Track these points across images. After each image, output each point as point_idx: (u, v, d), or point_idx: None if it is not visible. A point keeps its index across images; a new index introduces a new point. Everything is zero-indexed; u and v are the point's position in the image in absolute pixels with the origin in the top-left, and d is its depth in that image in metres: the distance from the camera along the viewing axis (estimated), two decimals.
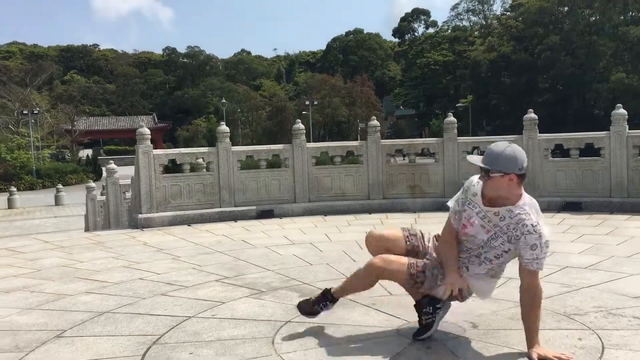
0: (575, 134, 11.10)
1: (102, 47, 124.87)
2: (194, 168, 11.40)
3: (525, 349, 3.52)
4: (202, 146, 60.25)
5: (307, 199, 11.12)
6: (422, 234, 3.98)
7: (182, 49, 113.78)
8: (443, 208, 10.42)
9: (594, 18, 55.97)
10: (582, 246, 6.93)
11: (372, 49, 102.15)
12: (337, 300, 4.05)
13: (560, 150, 12.57)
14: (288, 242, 8.10)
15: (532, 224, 3.41)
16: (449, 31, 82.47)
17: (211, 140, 73.15)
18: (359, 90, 59.11)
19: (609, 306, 4.44)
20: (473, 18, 78.64)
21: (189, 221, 10.34)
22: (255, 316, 4.58)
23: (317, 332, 4.10)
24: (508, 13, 68.04)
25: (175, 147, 68.25)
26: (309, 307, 4.05)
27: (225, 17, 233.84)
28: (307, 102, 56.98)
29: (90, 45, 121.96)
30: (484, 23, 74.99)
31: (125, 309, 4.95)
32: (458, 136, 11.33)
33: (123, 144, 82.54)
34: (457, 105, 61.68)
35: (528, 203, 3.53)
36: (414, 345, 3.75)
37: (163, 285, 5.74)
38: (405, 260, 3.71)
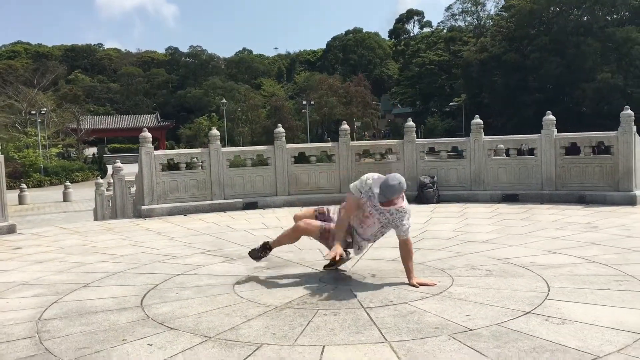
0: (512, 136, 12.86)
1: (105, 45, 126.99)
2: (189, 166, 13.18)
3: (404, 285, 5.36)
4: (204, 144, 61.98)
5: (287, 192, 12.88)
6: (328, 209, 5.82)
7: (184, 47, 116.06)
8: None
9: (586, 18, 57.61)
10: (493, 228, 8.71)
11: (371, 48, 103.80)
12: (272, 249, 6.06)
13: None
14: (264, 226, 9.89)
15: (407, 217, 5.47)
16: (445, 31, 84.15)
17: None
18: (355, 90, 60.84)
19: (475, 264, 6.22)
20: (468, 18, 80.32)
21: (185, 212, 12.13)
22: (225, 273, 6.38)
23: (265, 281, 5.91)
24: (503, 13, 69.66)
25: (178, 145, 70.16)
26: (255, 254, 6.10)
27: (228, 15, 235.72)
28: (304, 102, 58.81)
29: (94, 45, 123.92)
30: (477, 23, 76.62)
31: (132, 271, 6.74)
32: (455, 133, 13.06)
33: (127, 142, 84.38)
34: (451, 104, 63.39)
35: (406, 206, 5.50)
36: (326, 285, 5.55)
37: (160, 256, 7.54)
38: (318, 223, 5.76)
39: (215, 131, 12.90)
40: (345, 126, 13.32)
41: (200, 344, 4.17)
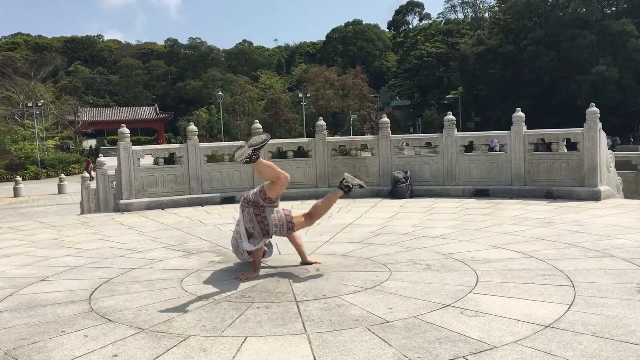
0: (483, 132, 13.08)
1: (106, 37, 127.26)
2: (168, 160, 13.40)
3: (342, 279, 5.59)
4: (202, 137, 62.21)
5: None
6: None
7: (185, 39, 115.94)
8: (379, 194, 12.44)
9: (583, 10, 57.52)
10: (453, 223, 8.91)
11: (370, 39, 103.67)
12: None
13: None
14: (233, 221, 10.05)
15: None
16: (443, 23, 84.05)
17: (211, 130, 75.11)
18: (352, 82, 60.86)
19: (418, 259, 6.45)
20: (468, 10, 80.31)
21: (162, 206, 12.36)
22: (178, 267, 6.63)
23: (213, 275, 6.16)
24: (502, 5, 69.54)
25: (177, 138, 70.38)
26: None
27: (228, 6, 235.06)
28: (300, 95, 58.92)
29: (94, 36, 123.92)
30: (475, 15, 76.56)
31: (92, 265, 6.99)
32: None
33: None
34: (448, 96, 63.46)
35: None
36: (269, 279, 5.80)
37: (124, 251, 7.79)
38: None
39: (192, 127, 13.12)
40: (321, 122, 13.53)
41: (132, 335, 4.41)
